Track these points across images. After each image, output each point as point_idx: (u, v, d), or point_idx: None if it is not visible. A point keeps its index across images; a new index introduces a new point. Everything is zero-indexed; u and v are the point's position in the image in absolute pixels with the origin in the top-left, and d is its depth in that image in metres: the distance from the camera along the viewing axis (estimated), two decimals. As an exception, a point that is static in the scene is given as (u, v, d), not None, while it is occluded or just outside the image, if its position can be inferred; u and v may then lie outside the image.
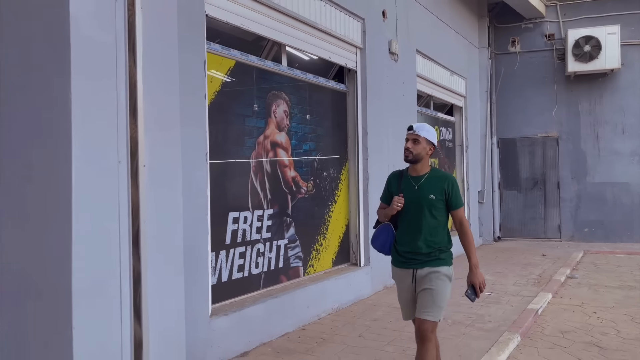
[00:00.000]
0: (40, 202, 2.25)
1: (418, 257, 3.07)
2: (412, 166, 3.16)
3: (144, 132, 2.58)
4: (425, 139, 3.09)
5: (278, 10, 4.80)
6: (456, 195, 3.10)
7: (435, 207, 3.06)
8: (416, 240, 3.06)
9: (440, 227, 3.09)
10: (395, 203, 3.09)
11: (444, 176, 3.16)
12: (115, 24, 2.44)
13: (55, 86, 2.21)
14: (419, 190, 3.10)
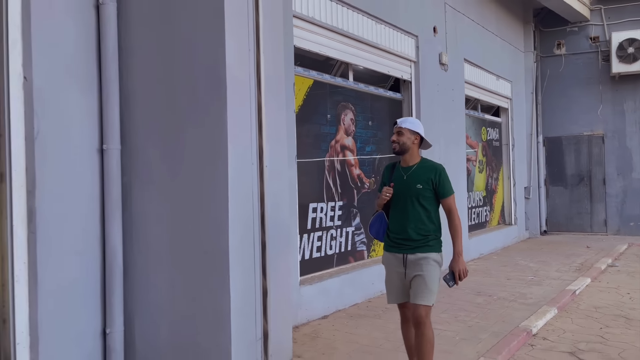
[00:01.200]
0: (208, 191, 3.30)
1: (408, 243, 3.17)
2: (402, 157, 3.28)
3: (265, 142, 3.61)
4: (407, 130, 3.21)
5: (346, 35, 5.77)
6: (443, 184, 3.17)
7: (423, 196, 3.16)
8: (406, 227, 3.17)
9: (429, 215, 3.18)
10: (384, 193, 3.24)
11: (432, 166, 3.23)
12: (249, 66, 3.47)
13: (215, 111, 3.26)
14: (407, 180, 3.20)
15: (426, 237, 3.17)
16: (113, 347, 3.36)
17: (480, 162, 9.49)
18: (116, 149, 3.43)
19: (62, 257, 3.08)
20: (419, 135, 3.25)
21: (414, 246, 3.16)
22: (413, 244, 3.16)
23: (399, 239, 3.21)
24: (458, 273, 3.17)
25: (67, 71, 3.17)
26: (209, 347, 3.31)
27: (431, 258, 3.15)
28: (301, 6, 5.07)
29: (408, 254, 3.17)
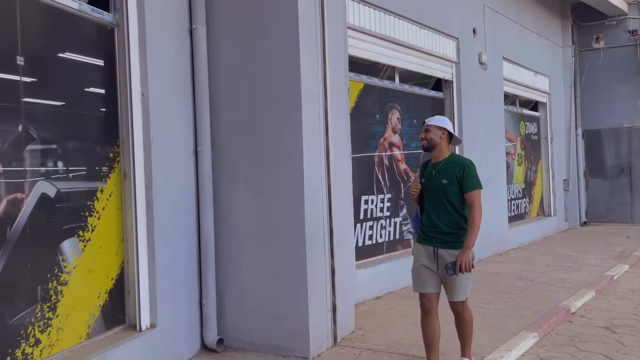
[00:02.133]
0: (286, 184, 3.91)
1: (439, 236, 3.23)
2: (432, 154, 3.34)
3: (331, 141, 4.19)
4: (434, 126, 3.27)
5: (393, 41, 6.29)
6: (467, 179, 3.18)
7: (449, 191, 3.20)
8: (435, 221, 3.24)
9: (458, 210, 3.22)
10: (411, 189, 3.38)
11: (458, 161, 3.27)
12: (318, 77, 4.06)
13: (292, 116, 3.87)
14: (435, 175, 3.26)
15: (457, 232, 3.20)
16: (208, 315, 4.02)
17: (519, 156, 9.84)
18: (207, 151, 4.08)
19: (170, 240, 3.75)
20: (446, 131, 3.29)
21: (445, 240, 3.21)
22: (444, 237, 3.21)
23: (430, 232, 3.27)
24: (460, 264, 3.09)
25: (170, 86, 3.83)
26: (289, 317, 3.93)
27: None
28: (354, 18, 5.63)
29: (439, 248, 3.22)
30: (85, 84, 3.40)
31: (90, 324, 3.29)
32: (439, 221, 3.23)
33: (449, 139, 3.35)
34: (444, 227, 3.22)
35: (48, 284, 2.99)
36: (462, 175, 3.18)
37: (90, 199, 3.33)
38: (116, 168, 3.54)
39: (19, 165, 2.85)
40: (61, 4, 3.14)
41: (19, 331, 2.81)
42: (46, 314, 2.97)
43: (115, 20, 3.55)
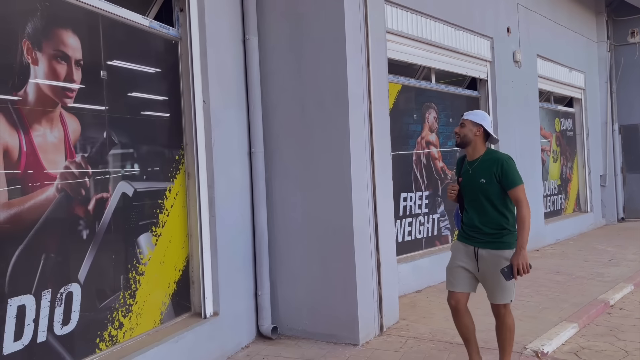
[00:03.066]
0: (334, 182, 4.18)
1: (480, 236, 3.08)
2: (466, 150, 3.16)
3: (375, 141, 4.44)
4: (469, 121, 3.10)
5: (429, 43, 6.48)
6: (507, 175, 2.99)
7: (489, 190, 3.04)
8: (474, 222, 3.10)
9: (499, 209, 3.05)
10: (449, 190, 3.26)
11: (495, 158, 3.07)
12: (362, 81, 4.32)
13: (339, 119, 4.14)
14: (472, 174, 3.10)
15: (500, 232, 3.05)
16: (262, 305, 4.33)
17: (554, 152, 9.87)
18: (260, 152, 4.39)
19: (230, 235, 4.07)
20: (481, 127, 3.10)
21: (486, 240, 3.05)
22: (485, 238, 3.06)
23: (471, 231, 3.13)
24: (517, 267, 2.91)
25: (228, 93, 4.15)
26: (339, 306, 4.20)
27: (504, 257, 3.00)
28: (392, 22, 5.85)
29: (479, 248, 3.07)
30: (154, 93, 3.74)
31: (162, 311, 3.63)
32: (479, 222, 3.08)
33: (485, 137, 3.15)
34: (484, 227, 3.06)
35: (128, 273, 3.34)
36: (501, 173, 2.98)
37: (160, 197, 3.67)
38: (181, 169, 3.88)
39: (104, 167, 3.20)
40: (135, 22, 3.49)
41: (106, 315, 3.16)
42: (127, 301, 3.32)
43: (179, 34, 3.88)
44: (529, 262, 2.96)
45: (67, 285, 2.90)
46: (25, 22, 2.74)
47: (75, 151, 2.98)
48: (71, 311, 2.91)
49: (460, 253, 3.19)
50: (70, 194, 2.94)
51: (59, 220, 2.86)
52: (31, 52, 2.74)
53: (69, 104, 2.97)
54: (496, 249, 3.04)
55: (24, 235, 2.66)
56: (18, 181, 2.64)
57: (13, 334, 2.58)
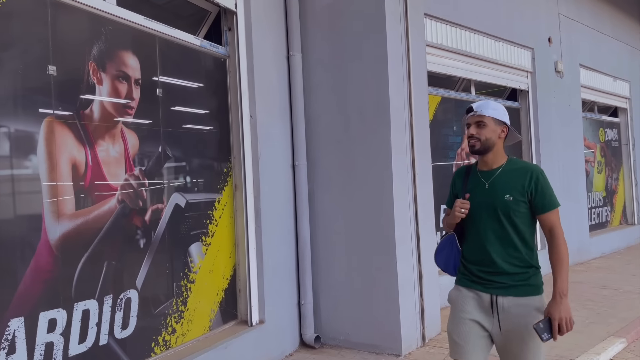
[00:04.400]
0: (376, 194, 4.26)
1: (499, 279, 2.23)
2: (481, 158, 2.35)
3: (416, 153, 4.50)
4: (492, 119, 2.28)
5: (469, 55, 6.50)
6: (543, 193, 2.23)
7: (514, 210, 2.23)
8: (491, 256, 2.25)
9: (525, 238, 2.26)
10: (457, 208, 2.29)
11: (526, 168, 2.29)
12: (404, 95, 4.39)
13: (381, 132, 4.22)
14: (491, 189, 2.28)
15: (525, 272, 2.23)
16: (306, 314, 4.42)
17: (598, 163, 9.62)
18: (303, 164, 4.51)
19: (274, 245, 4.19)
20: (506, 127, 2.33)
21: (509, 284, 2.22)
22: (507, 280, 2.22)
23: (485, 272, 2.26)
24: (559, 322, 2.14)
25: (272, 107, 4.30)
26: (381, 317, 4.24)
27: (533, 306, 2.21)
28: (431, 35, 5.91)
29: (499, 296, 2.22)
30: (204, 109, 3.92)
31: (211, 318, 3.77)
32: (498, 256, 2.23)
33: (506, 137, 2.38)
34: (506, 265, 2.22)
35: (181, 281, 3.50)
36: (534, 188, 2.23)
37: (209, 208, 3.83)
38: (229, 181, 4.03)
39: (159, 180, 3.38)
40: (187, 41, 3.68)
41: (160, 321, 3.31)
42: (179, 307, 3.47)
43: (227, 52, 4.06)
44: (571, 317, 2.18)
45: (126, 291, 3.07)
46: (91, 45, 2.95)
47: (134, 164, 3.17)
48: (130, 316, 3.07)
49: (469, 304, 2.28)
50: (129, 205, 3.12)
51: (119, 229, 3.04)
52: (96, 72, 2.95)
53: (129, 121, 3.16)
54: (523, 296, 2.20)
55: (89, 244, 2.84)
56: (84, 193, 2.84)
57: (78, 336, 2.76)
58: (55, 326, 2.63)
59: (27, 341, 2.50)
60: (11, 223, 2.48)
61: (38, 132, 2.60)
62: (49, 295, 2.61)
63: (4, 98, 2.48)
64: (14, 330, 2.44)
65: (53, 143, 2.66)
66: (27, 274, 2.51)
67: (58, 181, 2.67)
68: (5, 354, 2.40)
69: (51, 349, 2.61)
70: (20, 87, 2.56)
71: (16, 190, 2.50)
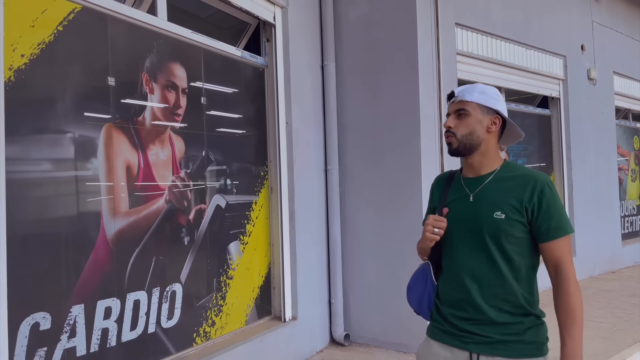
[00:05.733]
0: (405, 201, 4.42)
1: (481, 330, 1.64)
2: (465, 161, 1.77)
3: (445, 161, 4.63)
4: (477, 106, 1.69)
5: (498, 63, 6.58)
6: (549, 213, 1.61)
7: (507, 234, 1.63)
8: (471, 297, 1.65)
9: (520, 274, 1.66)
10: (430, 228, 1.70)
11: (527, 176, 1.66)
12: (434, 103, 4.54)
13: (412, 140, 4.38)
14: (476, 203, 1.69)
15: (520, 323, 1.63)
16: (336, 313, 4.60)
17: (632, 171, 9.50)
18: (335, 169, 4.70)
19: (307, 245, 4.39)
20: (498, 117, 1.72)
21: (496, 338, 1.62)
22: (493, 334, 1.62)
23: (462, 320, 1.68)
24: None
25: (307, 114, 4.51)
26: (409, 317, 4.36)
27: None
28: (462, 44, 6.03)
29: (482, 355, 1.63)
30: (243, 115, 4.16)
31: (247, 313, 4.00)
32: (481, 297, 1.64)
33: (500, 132, 1.76)
34: (492, 311, 1.63)
35: (220, 277, 3.73)
36: (538, 206, 1.61)
37: (247, 209, 4.06)
38: (265, 184, 4.26)
39: (202, 182, 3.62)
40: (229, 52, 3.93)
41: (201, 313, 3.55)
42: (219, 302, 3.70)
43: (266, 62, 4.29)
44: None
45: (172, 284, 3.31)
46: (145, 57, 3.22)
47: (180, 167, 3.42)
48: (174, 307, 3.32)
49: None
50: (175, 205, 3.37)
51: (166, 227, 3.30)
52: (149, 82, 3.22)
53: (176, 127, 3.42)
54: (517, 357, 1.60)
55: (140, 240, 3.10)
56: (136, 193, 3.10)
57: (130, 324, 3.01)
58: (111, 314, 2.89)
59: (86, 326, 2.76)
60: (75, 219, 2.75)
61: (98, 137, 2.88)
62: (105, 286, 2.88)
63: (70, 106, 2.76)
64: (75, 316, 2.71)
65: (111, 147, 2.93)
66: (87, 266, 2.78)
67: (114, 182, 2.94)
68: (67, 337, 2.67)
69: (107, 334, 2.87)
70: (83, 97, 2.83)
71: (79, 189, 2.77)
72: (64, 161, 2.71)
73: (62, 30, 2.70)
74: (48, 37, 2.63)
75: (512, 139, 1.82)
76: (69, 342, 2.67)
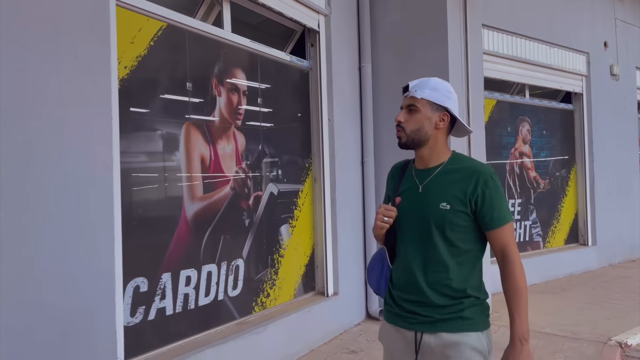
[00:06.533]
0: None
1: (424, 311, 1.76)
2: (416, 154, 1.88)
3: (472, 151, 5.08)
4: (428, 103, 1.79)
5: (523, 61, 6.95)
6: (491, 204, 1.72)
7: (452, 223, 1.74)
8: (417, 280, 1.77)
9: (463, 260, 1.77)
10: (380, 217, 1.84)
11: (471, 168, 1.78)
12: (462, 99, 4.99)
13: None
14: (425, 194, 1.80)
15: (459, 302, 1.74)
16: (371, 292, 5.10)
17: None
18: (371, 161, 5.19)
19: (346, 230, 4.90)
20: (447, 114, 1.83)
21: (436, 318, 1.75)
22: (433, 314, 1.75)
23: (409, 302, 1.79)
24: None
25: (346, 112, 5.00)
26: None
27: (467, 345, 1.72)
28: (488, 44, 6.43)
29: (425, 332, 1.76)
30: (291, 113, 4.68)
31: (295, 287, 4.53)
32: (425, 282, 1.76)
33: (450, 127, 1.88)
34: (434, 295, 1.75)
35: (273, 255, 4.27)
36: (482, 197, 1.72)
37: (295, 196, 4.58)
38: (310, 174, 4.78)
39: (259, 172, 4.16)
40: (280, 57, 4.44)
41: (259, 285, 4.10)
42: (272, 276, 4.25)
43: (310, 65, 4.79)
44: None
45: (236, 259, 3.87)
46: (214, 65, 3.75)
47: (241, 159, 3.96)
48: (238, 279, 3.87)
49: (394, 347, 1.84)
50: (238, 192, 3.91)
51: (231, 210, 3.84)
52: (217, 87, 3.75)
53: (238, 124, 3.95)
54: (455, 332, 1.72)
55: (212, 220, 3.65)
56: (208, 180, 3.65)
57: (204, 291, 3.57)
58: (190, 282, 3.45)
59: (172, 291, 3.33)
60: (163, 202, 3.31)
61: (180, 134, 3.43)
62: (186, 258, 3.44)
63: (160, 108, 3.31)
64: (165, 282, 3.28)
65: (189, 142, 3.48)
66: (173, 241, 3.34)
67: (192, 172, 3.49)
68: (159, 299, 3.24)
69: (187, 298, 3.43)
70: (168, 101, 3.38)
71: (167, 178, 3.33)
72: (156, 154, 3.27)
73: (152, 45, 3.25)
74: (143, 51, 3.18)
75: (464, 132, 1.92)
76: (160, 303, 3.24)
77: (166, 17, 3.30)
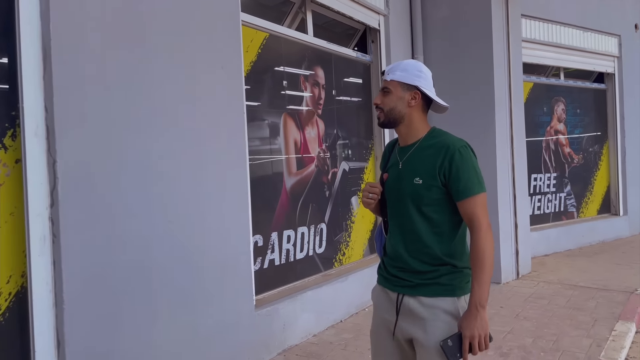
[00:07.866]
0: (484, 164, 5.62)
1: (406, 276, 1.90)
2: (398, 131, 2.00)
3: (514, 132, 5.78)
4: (399, 84, 1.91)
5: (558, 46, 7.54)
6: (458, 176, 1.81)
7: (425, 197, 1.85)
8: (400, 249, 1.92)
9: (440, 230, 1.87)
10: (366, 193, 1.98)
11: (441, 143, 1.87)
12: (504, 84, 5.69)
13: (487, 116, 5.55)
14: (403, 170, 1.92)
15: (436, 269, 1.86)
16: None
17: None
18: (424, 141, 5.95)
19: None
20: (418, 92, 1.93)
21: (415, 282, 1.88)
22: (413, 278, 1.89)
23: (394, 267, 1.95)
24: (471, 340, 1.75)
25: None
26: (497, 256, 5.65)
27: (441, 308, 1.84)
28: (526, 32, 7.06)
29: (405, 295, 1.90)
30: (357, 101, 5.47)
31: (363, 249, 5.38)
32: (405, 251, 1.91)
33: (426, 106, 1.99)
34: (413, 262, 1.89)
35: (347, 221, 5.12)
36: (449, 169, 1.83)
37: (361, 172, 5.40)
38: (372, 154, 5.58)
39: (334, 153, 4.98)
40: (348, 54, 5.22)
41: (337, 246, 4.96)
42: (346, 238, 5.10)
43: (371, 59, 5.56)
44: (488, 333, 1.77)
45: (320, 223, 4.73)
46: (301, 64, 4.57)
47: (322, 142, 4.79)
48: (322, 240, 4.73)
49: (382, 307, 2.01)
50: (321, 169, 4.75)
51: (316, 184, 4.69)
52: (304, 82, 4.57)
53: (319, 112, 4.77)
54: (430, 296, 1.86)
55: (302, 191, 4.51)
56: (299, 160, 4.49)
57: (300, 248, 4.45)
58: (290, 240, 4.33)
59: (278, 247, 4.21)
60: (271, 177, 4.17)
61: (280, 122, 4.27)
62: (286, 221, 4.31)
63: (266, 103, 4.15)
64: (273, 239, 4.16)
65: (286, 129, 4.32)
66: (277, 208, 4.21)
67: (288, 153, 4.34)
68: (270, 252, 4.13)
69: (288, 253, 4.32)
70: (274, 97, 4.22)
71: (273, 158, 4.19)
72: (265, 139, 4.13)
73: (260, 52, 4.08)
74: (254, 57, 4.02)
75: (441, 109, 2.02)
76: (270, 255, 4.13)
77: (268, 28, 4.12)
